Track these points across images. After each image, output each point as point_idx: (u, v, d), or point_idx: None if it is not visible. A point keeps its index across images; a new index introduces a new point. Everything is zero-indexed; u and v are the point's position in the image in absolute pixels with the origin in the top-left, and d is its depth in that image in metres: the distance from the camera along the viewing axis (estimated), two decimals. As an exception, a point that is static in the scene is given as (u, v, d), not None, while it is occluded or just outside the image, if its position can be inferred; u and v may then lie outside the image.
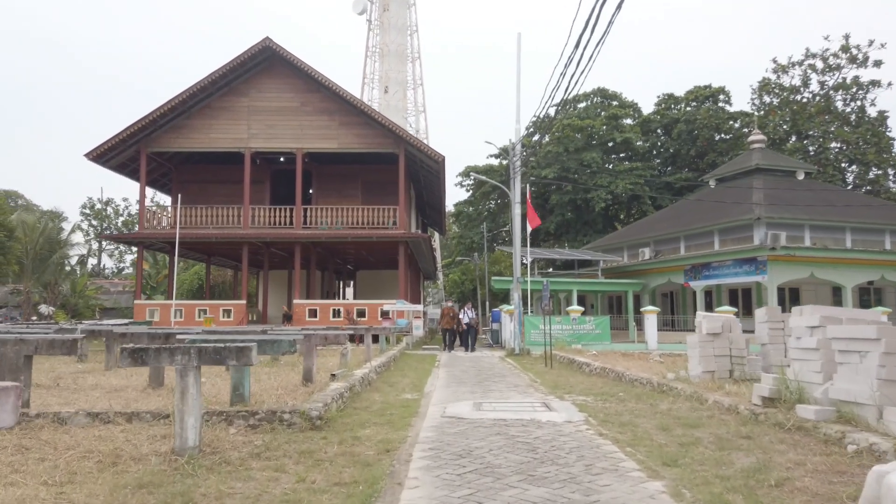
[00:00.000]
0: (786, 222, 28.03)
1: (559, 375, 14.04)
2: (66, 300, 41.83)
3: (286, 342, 7.21)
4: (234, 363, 5.93)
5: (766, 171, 32.66)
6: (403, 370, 15.15)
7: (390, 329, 21.12)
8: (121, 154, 26.35)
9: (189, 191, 28.38)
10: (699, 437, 6.79)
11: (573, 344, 21.50)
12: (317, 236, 25.97)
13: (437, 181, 29.13)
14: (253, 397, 8.48)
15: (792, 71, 46.20)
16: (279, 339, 7.24)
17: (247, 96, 26.63)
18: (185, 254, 31.80)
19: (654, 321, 23.73)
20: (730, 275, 26.18)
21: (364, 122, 26.44)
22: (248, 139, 26.41)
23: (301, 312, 25.66)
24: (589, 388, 11.30)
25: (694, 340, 10.57)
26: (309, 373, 10.31)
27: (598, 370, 13.79)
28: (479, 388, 11.56)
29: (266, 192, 29.16)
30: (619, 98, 51.76)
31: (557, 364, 16.66)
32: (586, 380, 12.91)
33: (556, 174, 45.21)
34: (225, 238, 25.96)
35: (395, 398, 10.14)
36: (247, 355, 5.90)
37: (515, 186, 19.82)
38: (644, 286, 30.31)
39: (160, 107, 25.31)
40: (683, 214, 33.85)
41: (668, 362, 16.71)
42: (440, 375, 14.17)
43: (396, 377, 13.43)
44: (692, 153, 48.05)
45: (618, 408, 8.85)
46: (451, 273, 57.08)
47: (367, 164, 29.28)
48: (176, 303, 25.78)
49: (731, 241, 29.13)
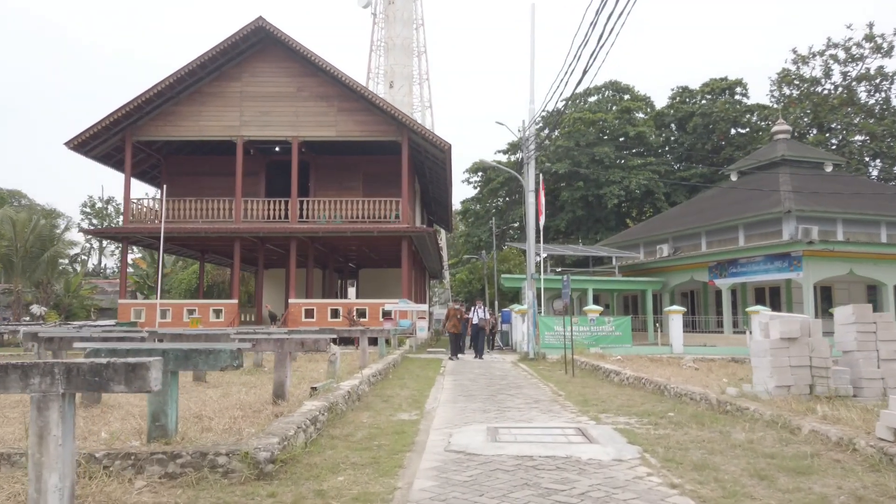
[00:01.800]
0: (817, 216, 25.72)
1: (585, 386, 11.82)
2: (60, 300, 39.92)
3: (227, 353, 5.03)
4: (122, 388, 3.75)
5: (792, 162, 30.32)
6: (403, 378, 12.96)
7: (391, 331, 18.94)
8: (105, 143, 24.27)
9: (179, 183, 26.28)
10: (823, 493, 4.56)
11: (591, 347, 19.26)
12: (314, 230, 23.81)
13: (443, 173, 26.93)
14: (197, 423, 6.31)
15: (813, 62, 43.77)
16: (217, 350, 5.05)
17: (239, 81, 24.50)
18: (177, 250, 29.76)
19: (679, 322, 21.47)
20: (760, 272, 23.86)
21: (364, 108, 24.28)
22: (241, 127, 24.28)
23: (296, 313, 23.52)
24: (627, 405, 9.08)
25: (762, 346, 8.32)
26: (280, 387, 8.13)
27: (632, 380, 11.55)
28: (492, 405, 9.34)
29: (261, 184, 27.04)
30: (631, 91, 49.48)
31: (580, 371, 14.43)
32: (619, 392, 10.67)
33: (567, 169, 42.96)
34: (216, 233, 23.84)
35: (387, 419, 7.96)
36: (141, 377, 3.71)
37: (529, 173, 17.62)
38: (664, 285, 28.02)
39: (146, 91, 23.22)
40: (704, 209, 31.53)
41: (704, 369, 14.50)
42: (445, 386, 11.97)
43: (394, 388, 11.24)
44: (708, 148, 45.68)
45: (678, 437, 6.62)
46: (457, 272, 54.87)
47: (368, 155, 27.11)
48: (162, 302, 23.70)
49: (758, 236, 26.83)
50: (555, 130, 43.31)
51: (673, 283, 27.88)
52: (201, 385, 10.65)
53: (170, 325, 22.84)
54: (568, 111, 45.85)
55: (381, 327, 18.34)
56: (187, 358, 5.07)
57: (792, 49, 50.83)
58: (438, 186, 30.51)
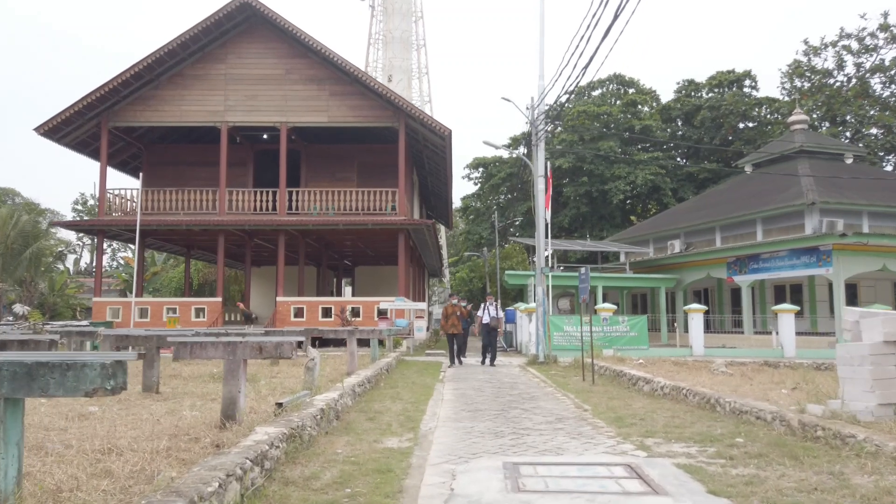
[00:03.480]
0: (843, 208, 23.78)
1: (610, 397, 9.83)
2: (45, 299, 37.88)
3: (94, 369, 3.05)
4: None
5: (811, 153, 28.37)
6: (397, 387, 10.97)
7: (386, 331, 16.96)
8: (79, 129, 22.27)
9: (161, 174, 24.30)
10: None
11: (604, 349, 17.26)
12: (304, 223, 21.82)
13: (443, 163, 24.95)
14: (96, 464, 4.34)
15: (825, 53, 41.80)
16: (78, 364, 3.06)
17: (223, 63, 22.51)
18: (161, 246, 27.76)
19: (700, 322, 19.49)
20: (784, 267, 21.88)
21: (358, 91, 22.30)
22: (225, 112, 22.30)
23: (285, 312, 21.53)
24: (675, 426, 7.10)
25: (858, 352, 6.33)
26: (231, 406, 6.14)
27: (668, 390, 9.56)
28: (504, 424, 7.36)
29: (249, 175, 25.04)
30: (636, 85, 47.52)
31: (599, 377, 12.45)
32: (656, 406, 8.69)
33: (571, 164, 40.99)
34: (198, 225, 21.84)
35: (370, 448, 5.98)
36: None
37: (539, 156, 15.62)
38: (678, 282, 26.04)
39: (122, 73, 21.22)
40: (718, 203, 29.54)
41: (737, 374, 12.53)
42: (446, 396, 9.99)
43: (384, 400, 9.26)
44: (716, 142, 43.71)
45: (776, 482, 4.62)
46: (457, 271, 52.89)
47: (363, 144, 25.14)
48: (140, 301, 21.73)
49: (778, 230, 24.87)
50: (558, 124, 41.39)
51: (687, 280, 25.91)
52: (150, 397, 8.69)
53: (147, 325, 20.88)
54: (571, 105, 43.97)
55: (374, 327, 16.31)
56: (31, 377, 3.08)
57: (803, 40, 49.02)
58: (438, 179, 28.53)
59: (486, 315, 16.47)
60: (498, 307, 16.92)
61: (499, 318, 16.80)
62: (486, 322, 16.39)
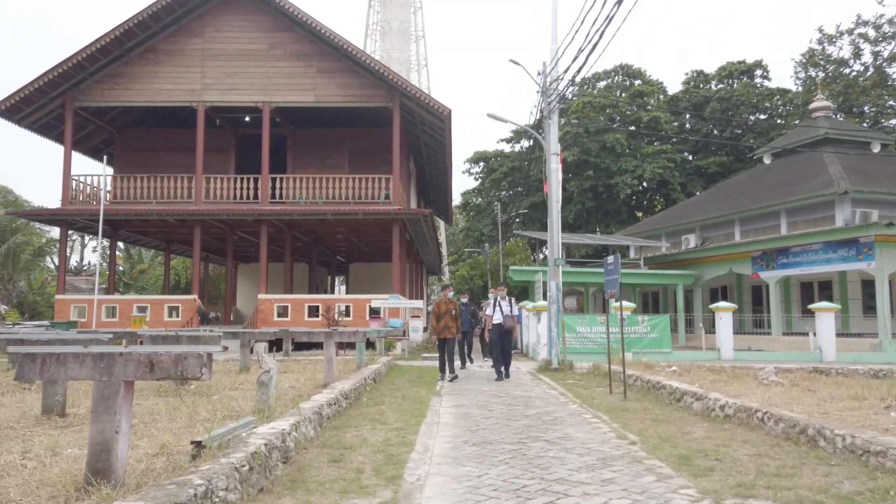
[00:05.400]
0: (877, 198, 21.54)
1: (656, 419, 7.51)
2: (24, 297, 35.56)
3: None
4: None
5: (836, 141, 26.06)
6: (382, 403, 8.66)
7: (377, 332, 14.64)
8: (41, 109, 19.96)
9: (136, 161, 22.01)
10: None
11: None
12: (288, 212, 19.50)
13: (442, 150, 22.63)
14: None
15: (840, 41, 39.49)
16: None
17: (200, 37, 20.19)
18: (137, 239, 25.47)
19: (729, 322, 17.20)
20: (818, 262, 19.55)
21: (349, 68, 19.98)
22: (202, 91, 19.98)
23: (267, 311, 19.22)
24: (774, 473, 4.78)
25: None
26: (102, 455, 3.83)
27: (733, 412, 7.23)
28: (526, 469, 5.03)
29: (231, 162, 22.72)
30: (642, 76, 45.24)
31: (630, 389, 10.11)
32: (725, 436, 6.37)
33: (576, 157, 38.69)
34: (171, 215, 19.53)
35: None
36: None
37: (552, 131, 13.30)
38: (696, 278, 23.72)
39: (87, 46, 18.90)
40: (735, 195, 27.23)
41: (788, 382, 10.25)
42: (443, 418, 7.66)
43: (361, 426, 6.94)
44: (727, 135, 41.43)
45: None
46: (457, 269, 50.57)
47: (355, 128, 22.85)
48: (105, 299, 19.43)
49: (804, 222, 22.57)
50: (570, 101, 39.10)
51: (707, 276, 23.58)
52: (47, 422, 6.41)
53: (115, 326, 18.56)
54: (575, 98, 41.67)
55: (359, 328, 13.89)
56: None
57: (818, 28, 46.64)
58: (436, 168, 26.20)
59: (497, 313, 12.14)
60: (513, 303, 12.53)
61: (514, 315, 12.39)
62: (499, 322, 12.05)
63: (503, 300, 12.34)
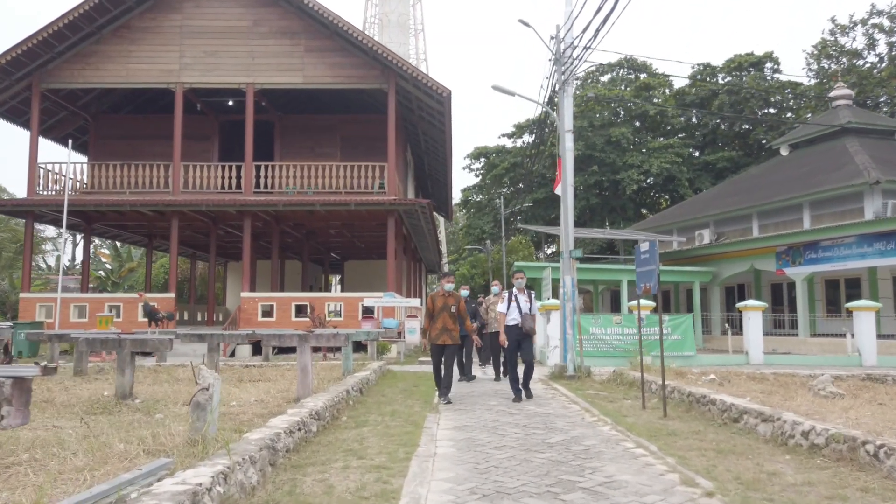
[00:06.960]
0: (909, 188, 19.74)
1: (718, 448, 5.68)
2: (6, 297, 33.73)
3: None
4: None
5: (858, 131, 24.33)
6: (365, 424, 6.82)
7: (368, 334, 12.82)
8: (5, 91, 18.17)
9: (112, 149, 20.21)
10: None
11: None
12: (273, 203, 17.70)
13: (441, 137, 20.82)
14: None
15: (853, 32, 37.69)
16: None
17: (179, 13, 18.38)
18: (116, 234, 23.66)
19: (758, 322, 15.44)
20: (851, 257, 17.74)
21: (340, 46, 18.18)
22: (181, 71, 18.18)
23: (251, 310, 17.40)
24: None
25: None
26: None
27: (821, 442, 5.40)
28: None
29: (214, 150, 20.93)
30: (648, 69, 43.35)
31: (666, 403, 8.28)
32: (821, 476, 4.56)
33: (581, 152, 36.85)
34: (146, 206, 17.73)
35: None
36: None
37: (566, 105, 11.49)
38: (714, 275, 21.92)
39: (54, 22, 17.09)
40: (752, 188, 25.44)
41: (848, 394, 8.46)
42: (441, 448, 5.82)
43: (330, 464, 5.10)
44: (735, 129, 39.63)
45: None
46: (458, 268, 48.75)
47: (347, 114, 21.05)
48: (72, 297, 17.63)
49: (830, 215, 20.79)
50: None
51: (725, 273, 21.78)
52: None
53: (84, 327, 16.75)
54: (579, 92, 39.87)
55: (339, 330, 11.98)
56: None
57: (830, 18, 44.66)
58: (435, 158, 24.39)
59: (512, 311, 9.01)
60: (532, 298, 9.24)
61: (534, 315, 9.16)
62: (515, 323, 8.95)
63: (522, 295, 9.06)
